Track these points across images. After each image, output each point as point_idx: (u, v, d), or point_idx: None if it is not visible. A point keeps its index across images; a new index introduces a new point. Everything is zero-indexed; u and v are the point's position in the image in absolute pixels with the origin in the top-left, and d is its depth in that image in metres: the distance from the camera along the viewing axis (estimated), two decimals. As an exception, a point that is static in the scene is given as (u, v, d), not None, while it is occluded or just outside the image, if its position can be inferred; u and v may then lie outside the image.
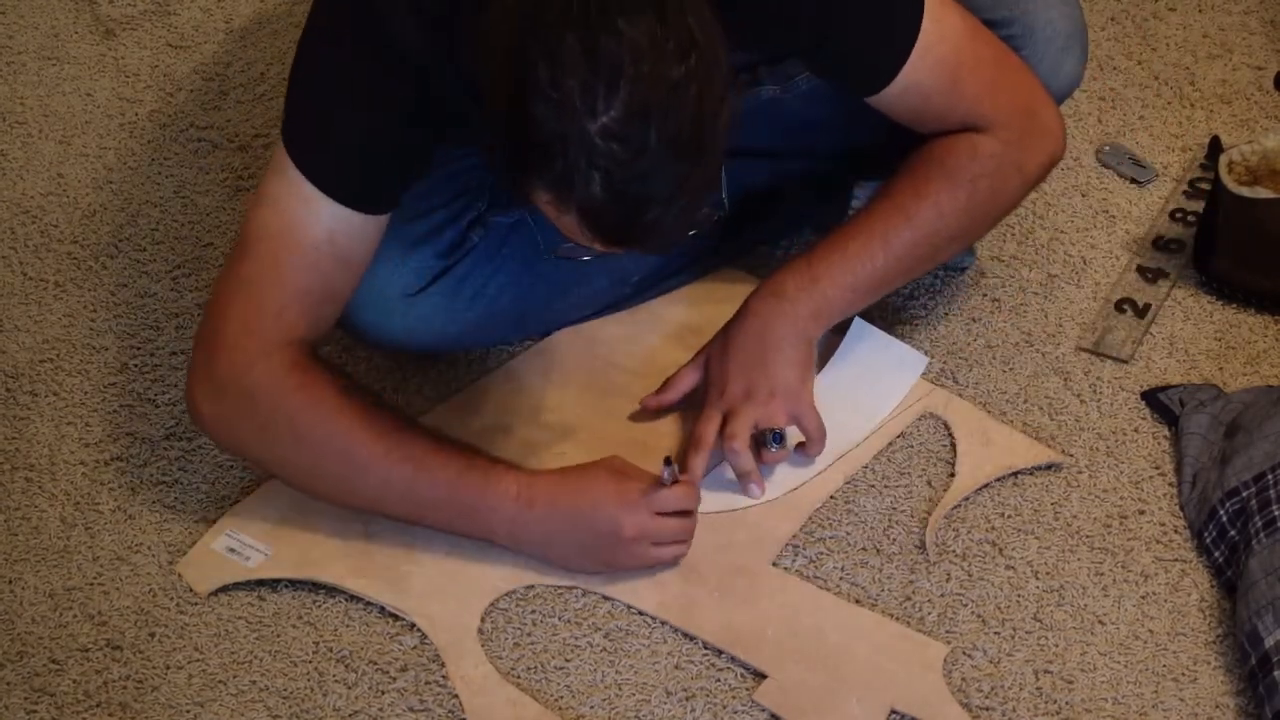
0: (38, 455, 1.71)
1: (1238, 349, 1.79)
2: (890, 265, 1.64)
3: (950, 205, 1.63)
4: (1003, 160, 1.63)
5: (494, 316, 1.73)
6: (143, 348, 1.82)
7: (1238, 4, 2.22)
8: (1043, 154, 1.67)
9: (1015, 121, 1.63)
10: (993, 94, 1.63)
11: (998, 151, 1.63)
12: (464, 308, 1.70)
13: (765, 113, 1.77)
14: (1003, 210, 1.69)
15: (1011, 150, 1.63)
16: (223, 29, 2.24)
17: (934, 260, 1.69)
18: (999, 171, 1.63)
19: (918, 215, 1.63)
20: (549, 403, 1.74)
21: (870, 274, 1.64)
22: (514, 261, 1.72)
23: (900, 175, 1.65)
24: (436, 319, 1.69)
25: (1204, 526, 1.59)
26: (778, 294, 1.65)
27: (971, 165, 1.62)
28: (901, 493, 1.66)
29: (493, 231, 1.71)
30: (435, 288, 1.68)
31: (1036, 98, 1.65)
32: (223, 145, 2.07)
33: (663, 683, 1.51)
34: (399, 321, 1.68)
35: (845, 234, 1.66)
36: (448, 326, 1.70)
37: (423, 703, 1.50)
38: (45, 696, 1.51)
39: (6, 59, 2.20)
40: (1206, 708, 1.48)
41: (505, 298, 1.72)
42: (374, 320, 1.67)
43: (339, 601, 1.58)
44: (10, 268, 1.92)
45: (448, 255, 1.69)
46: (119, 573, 1.61)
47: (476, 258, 1.70)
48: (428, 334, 1.70)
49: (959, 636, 1.54)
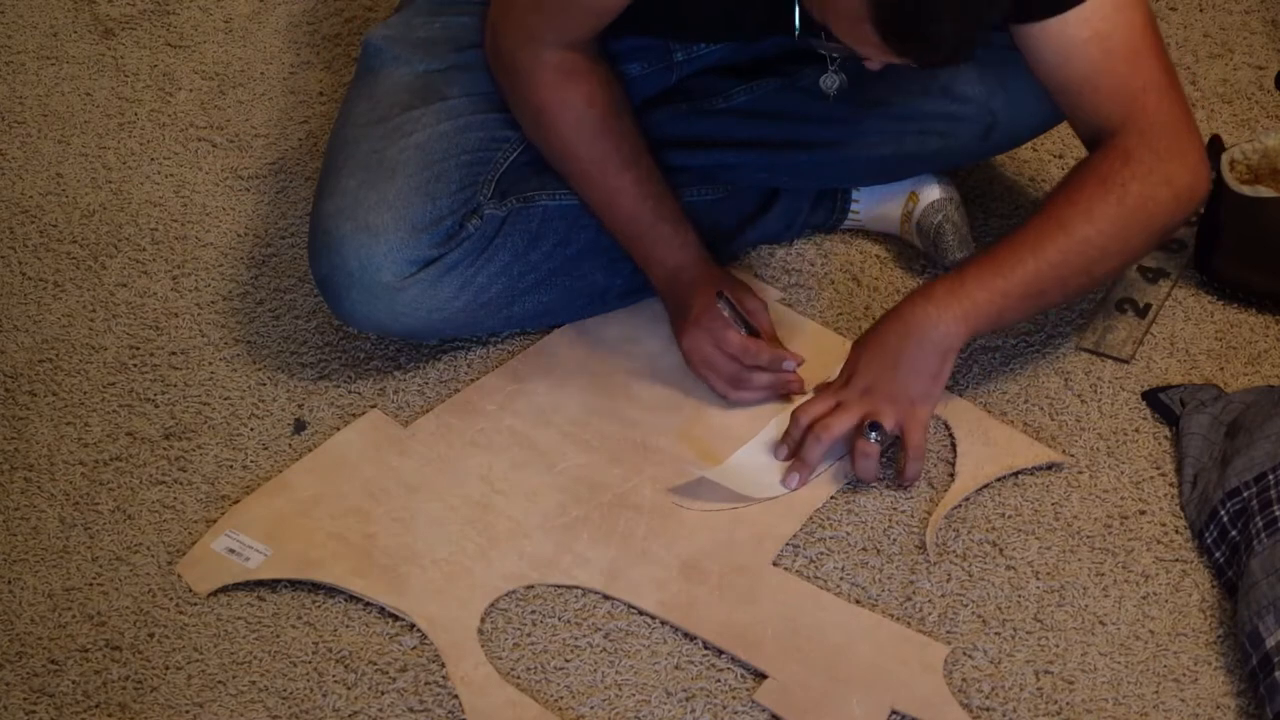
0: (37, 455, 1.71)
1: (1239, 349, 1.79)
2: (1042, 271, 1.61)
3: (1101, 211, 1.61)
4: (1153, 168, 1.62)
5: (483, 306, 1.73)
6: (142, 348, 1.82)
7: (1239, 4, 2.22)
8: (1190, 176, 1.64)
9: (1169, 134, 1.63)
10: (1159, 93, 1.62)
11: (1148, 159, 1.61)
12: (451, 296, 1.71)
13: (769, 104, 1.79)
14: (1155, 225, 1.65)
15: (1162, 162, 1.62)
16: (222, 29, 2.24)
17: (1089, 274, 1.65)
18: (1149, 177, 1.61)
19: (1069, 221, 1.61)
20: (549, 403, 1.74)
21: (1021, 279, 1.61)
22: (504, 252, 1.73)
23: (1057, 188, 1.66)
24: (422, 307, 1.70)
25: (1205, 527, 1.59)
26: (926, 296, 1.63)
27: (1123, 170, 1.61)
28: (901, 493, 1.65)
29: (487, 223, 1.72)
30: (423, 275, 1.69)
31: (1192, 126, 1.65)
32: (223, 145, 2.07)
33: (663, 683, 1.51)
34: (384, 307, 1.69)
35: (999, 242, 1.66)
36: (433, 314, 1.71)
37: (423, 703, 1.50)
38: (44, 697, 1.51)
39: (6, 59, 2.20)
40: (1207, 708, 1.48)
41: (495, 287, 1.73)
42: (360, 305, 1.69)
43: (339, 602, 1.57)
44: (9, 267, 1.92)
45: (441, 245, 1.70)
46: (118, 573, 1.60)
47: (469, 248, 1.71)
48: (413, 320, 1.71)
49: (959, 637, 1.54)
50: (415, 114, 1.73)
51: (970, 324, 1.62)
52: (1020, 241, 1.63)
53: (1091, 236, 1.62)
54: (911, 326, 1.63)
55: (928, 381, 1.63)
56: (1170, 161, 1.62)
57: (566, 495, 1.65)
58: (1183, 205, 1.65)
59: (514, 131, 1.75)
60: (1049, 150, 2.02)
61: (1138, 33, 1.61)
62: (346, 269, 1.68)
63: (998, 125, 1.80)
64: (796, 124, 1.82)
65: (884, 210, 1.89)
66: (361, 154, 1.71)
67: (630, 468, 1.67)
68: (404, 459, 1.69)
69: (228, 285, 1.89)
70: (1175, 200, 1.64)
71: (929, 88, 1.79)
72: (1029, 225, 1.64)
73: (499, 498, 1.65)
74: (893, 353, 1.63)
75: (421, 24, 1.79)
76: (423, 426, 1.72)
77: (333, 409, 1.75)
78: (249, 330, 1.84)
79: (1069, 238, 1.61)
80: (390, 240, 1.67)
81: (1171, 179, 1.63)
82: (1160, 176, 1.62)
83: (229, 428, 1.73)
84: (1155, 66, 1.63)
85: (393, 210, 1.68)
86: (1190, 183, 1.65)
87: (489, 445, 1.70)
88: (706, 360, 1.71)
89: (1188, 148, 1.64)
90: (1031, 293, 1.63)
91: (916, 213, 1.86)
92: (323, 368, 1.79)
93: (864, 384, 1.64)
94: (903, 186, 1.88)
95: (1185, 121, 1.64)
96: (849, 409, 1.63)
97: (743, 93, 1.83)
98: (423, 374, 1.78)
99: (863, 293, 1.86)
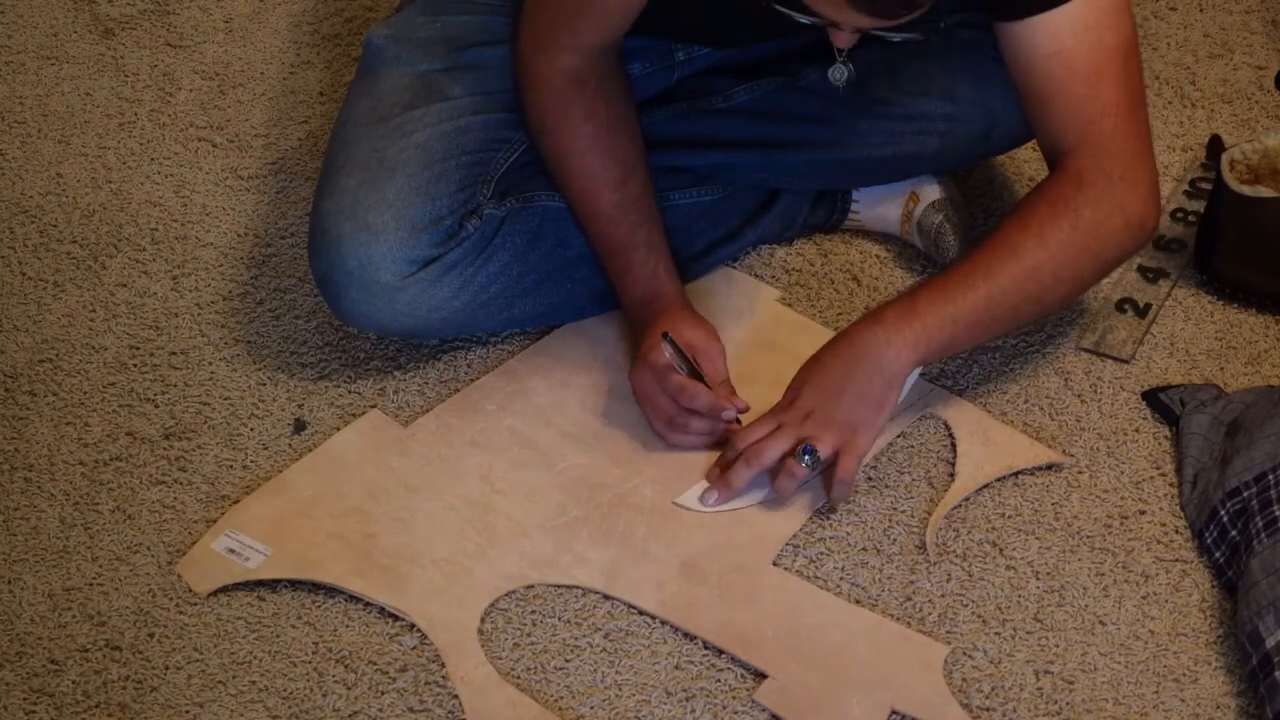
0: (37, 455, 1.71)
1: (1238, 349, 1.79)
2: (994, 297, 1.60)
3: (1054, 236, 1.60)
4: (1105, 193, 1.60)
5: (482, 306, 1.73)
6: (142, 348, 1.82)
7: (1239, 3, 2.22)
8: (1142, 205, 1.63)
9: (1124, 160, 1.61)
10: (1118, 118, 1.61)
11: (1100, 183, 1.60)
12: (450, 296, 1.71)
13: (769, 104, 1.80)
14: (1108, 253, 1.63)
15: (1114, 188, 1.61)
16: (222, 29, 2.24)
17: (1041, 301, 1.63)
18: (1100, 203, 1.60)
19: (1021, 246, 1.60)
20: (549, 403, 1.74)
21: (972, 305, 1.59)
22: (504, 252, 1.73)
23: (1010, 213, 1.65)
24: (421, 306, 1.70)
25: (1205, 527, 1.59)
26: (876, 320, 1.61)
27: (1075, 195, 1.60)
28: (901, 493, 1.65)
29: (486, 223, 1.72)
30: (422, 274, 1.69)
31: (1148, 156, 1.64)
32: (223, 145, 2.07)
33: (663, 683, 1.51)
34: (384, 307, 1.69)
35: (950, 267, 1.65)
36: (432, 314, 1.71)
37: (423, 703, 1.50)
38: (44, 697, 1.51)
39: (6, 58, 2.20)
40: (1207, 708, 1.48)
41: (495, 287, 1.73)
42: (360, 304, 1.69)
43: (339, 602, 1.57)
44: (9, 267, 1.92)
45: (441, 245, 1.70)
46: (118, 573, 1.60)
47: (468, 248, 1.71)
48: (412, 320, 1.71)
49: (959, 637, 1.54)
50: (416, 114, 1.73)
51: (920, 351, 1.60)
52: (972, 267, 1.61)
53: (1043, 262, 1.60)
54: (860, 351, 1.60)
55: (872, 410, 1.60)
56: (1123, 188, 1.61)
57: (566, 495, 1.65)
58: (1134, 235, 1.64)
59: (516, 132, 1.75)
60: (1049, 150, 2.02)
61: (1105, 55, 1.59)
62: (346, 268, 1.68)
63: (998, 126, 1.80)
64: (796, 124, 1.82)
65: (884, 210, 1.89)
66: (362, 153, 1.71)
67: (630, 468, 1.67)
68: (404, 459, 1.69)
69: (228, 285, 1.89)
70: (1127, 229, 1.62)
71: (929, 89, 1.79)
72: (982, 248, 1.62)
73: (499, 498, 1.65)
74: (839, 377, 1.61)
75: (423, 23, 1.80)
76: (423, 426, 1.72)
77: (333, 409, 1.75)
78: (249, 330, 1.84)
79: (1020, 263, 1.60)
80: (390, 240, 1.67)
81: (1125, 206, 1.61)
82: (1113, 203, 1.61)
83: (229, 428, 1.73)
84: (1119, 90, 1.61)
85: (392, 210, 1.68)
86: (1141, 211, 1.63)
87: (489, 445, 1.70)
88: (647, 397, 1.68)
89: (1140, 176, 1.62)
90: (983, 320, 1.61)
91: (917, 213, 1.86)
92: (323, 368, 1.79)
93: (806, 408, 1.61)
94: (903, 187, 1.88)
95: (1142, 150, 1.63)
96: (786, 433, 1.61)
97: (743, 92, 1.83)
98: (423, 374, 1.78)
99: (863, 293, 1.86)
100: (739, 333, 1.80)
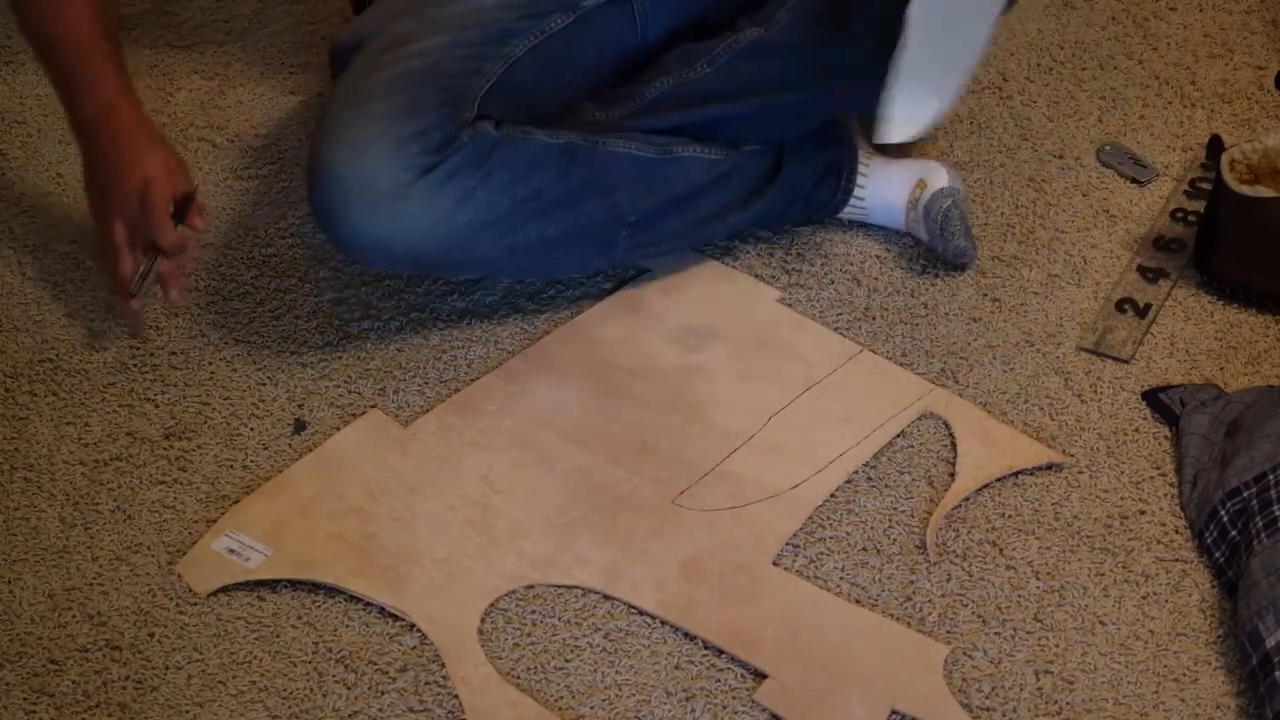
0: (37, 455, 1.71)
1: (1239, 349, 1.79)
2: None
3: None
4: None
5: (486, 226, 1.73)
6: (142, 348, 1.82)
7: (1238, 3, 2.22)
8: None
9: None
10: None
11: None
12: (452, 208, 1.71)
13: (752, 54, 1.81)
14: None
15: None
16: (223, 29, 2.24)
17: None
18: None
19: None
20: (549, 403, 1.74)
21: None
22: (504, 170, 1.73)
23: None
24: (424, 218, 1.70)
25: (1205, 527, 1.59)
26: None
27: None
28: (901, 493, 1.65)
29: (482, 137, 1.73)
30: (422, 182, 1.69)
31: None
32: (223, 145, 2.07)
33: (663, 683, 1.51)
34: (385, 221, 1.69)
35: None
36: (436, 227, 1.70)
37: (423, 703, 1.50)
38: (44, 697, 1.51)
39: (6, 59, 2.20)
40: (1207, 708, 1.48)
41: (498, 208, 1.73)
42: (363, 222, 1.69)
43: (339, 602, 1.57)
44: (10, 268, 1.92)
45: (438, 151, 1.70)
46: (118, 573, 1.60)
47: (466, 156, 1.71)
48: (415, 236, 1.70)
49: (959, 637, 1.54)
50: (388, 55, 1.75)
51: None
52: None
53: None
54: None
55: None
56: None
57: (566, 495, 1.65)
58: None
59: (491, 63, 1.77)
60: (1049, 150, 2.03)
61: None
62: (343, 186, 1.67)
63: None
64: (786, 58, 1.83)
65: (890, 197, 1.89)
66: (345, 86, 1.74)
67: (630, 468, 1.67)
68: (404, 459, 1.69)
69: (228, 285, 1.89)
70: None
71: None
72: None
73: (499, 498, 1.65)
74: None
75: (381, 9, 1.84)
76: (423, 426, 1.72)
77: (333, 409, 1.75)
78: (249, 330, 1.84)
79: None
80: (379, 148, 1.67)
81: None
82: None
83: (229, 428, 1.73)
84: None
85: (377, 124, 1.69)
86: None
87: (489, 445, 1.70)
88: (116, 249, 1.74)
89: None
90: None
91: (924, 199, 1.86)
92: (323, 368, 1.79)
93: None
94: (910, 174, 1.88)
95: None
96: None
97: (724, 53, 1.83)
98: (423, 374, 1.78)
99: (863, 293, 1.86)
100: (739, 332, 1.81)
